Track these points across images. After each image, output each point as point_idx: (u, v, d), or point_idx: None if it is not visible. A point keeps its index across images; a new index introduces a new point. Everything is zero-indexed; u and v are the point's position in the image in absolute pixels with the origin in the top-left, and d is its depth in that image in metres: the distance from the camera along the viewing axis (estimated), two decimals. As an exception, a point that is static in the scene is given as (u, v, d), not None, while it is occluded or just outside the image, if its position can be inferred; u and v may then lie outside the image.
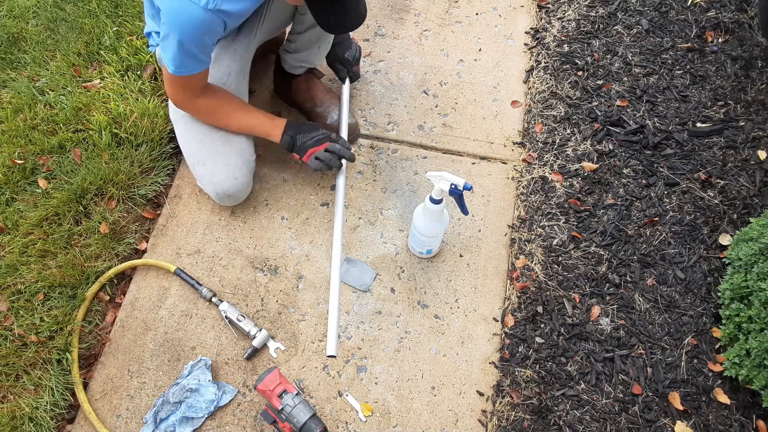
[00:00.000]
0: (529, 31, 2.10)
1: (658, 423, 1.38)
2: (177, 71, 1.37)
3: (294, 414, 1.30)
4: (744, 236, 1.49)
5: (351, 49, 1.79)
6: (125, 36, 1.98)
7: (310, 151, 1.56)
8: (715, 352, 1.47)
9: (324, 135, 1.57)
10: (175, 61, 1.34)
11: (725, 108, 1.85)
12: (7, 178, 1.69)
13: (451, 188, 1.36)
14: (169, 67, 1.37)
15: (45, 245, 1.58)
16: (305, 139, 1.55)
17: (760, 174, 1.71)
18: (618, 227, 1.66)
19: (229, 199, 1.62)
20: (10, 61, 1.99)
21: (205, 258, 1.63)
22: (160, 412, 1.39)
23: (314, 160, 1.56)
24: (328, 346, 1.43)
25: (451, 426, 1.41)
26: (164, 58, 1.37)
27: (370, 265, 1.62)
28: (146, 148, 1.74)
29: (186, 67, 1.37)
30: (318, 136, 1.57)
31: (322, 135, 1.57)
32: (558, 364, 1.47)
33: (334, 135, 1.60)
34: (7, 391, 1.39)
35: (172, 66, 1.36)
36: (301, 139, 1.56)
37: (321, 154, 1.56)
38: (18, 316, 1.49)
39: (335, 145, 1.57)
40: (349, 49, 1.78)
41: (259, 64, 1.92)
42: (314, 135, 1.56)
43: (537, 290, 1.57)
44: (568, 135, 1.84)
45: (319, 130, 1.58)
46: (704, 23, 2.03)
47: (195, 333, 1.52)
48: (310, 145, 1.55)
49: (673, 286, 1.56)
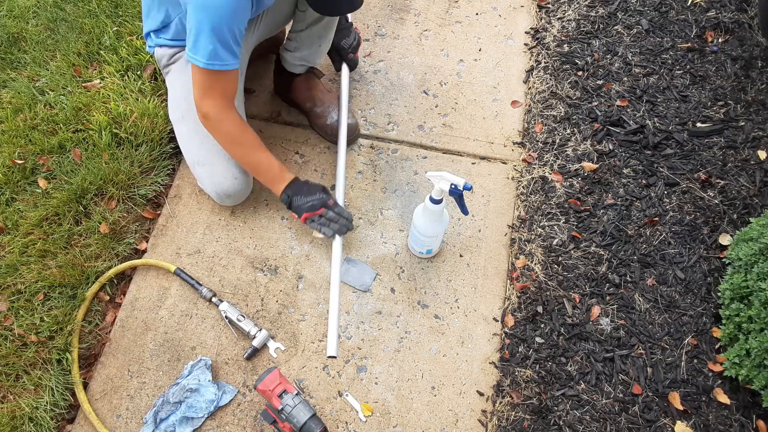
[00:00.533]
0: (529, 31, 2.10)
1: (658, 423, 1.38)
2: (210, 63, 1.30)
3: (294, 414, 1.30)
4: (744, 236, 1.49)
5: (349, 38, 1.80)
6: (125, 36, 1.98)
7: (305, 215, 1.54)
8: (715, 352, 1.47)
9: (319, 200, 1.53)
10: (208, 52, 1.29)
11: (725, 108, 1.85)
12: (7, 178, 1.69)
13: (451, 188, 1.36)
14: (201, 61, 1.30)
15: (45, 245, 1.58)
16: (301, 201, 1.53)
17: (760, 174, 1.71)
18: (618, 227, 1.66)
19: (230, 199, 1.62)
20: (10, 61, 1.99)
21: (205, 258, 1.63)
22: (160, 412, 1.39)
23: (310, 222, 1.55)
24: (328, 346, 1.43)
25: (451, 426, 1.41)
26: (195, 55, 1.31)
27: (370, 265, 1.62)
28: (146, 148, 1.74)
29: (219, 59, 1.31)
30: (314, 201, 1.53)
31: (318, 200, 1.53)
32: (558, 364, 1.47)
33: (330, 201, 1.55)
34: (7, 391, 1.39)
35: (205, 57, 1.29)
36: (297, 201, 1.53)
37: (317, 219, 1.55)
38: (18, 316, 1.49)
39: (329, 212, 1.54)
40: (347, 38, 1.80)
41: (259, 63, 1.93)
42: (310, 200, 1.53)
43: (537, 290, 1.57)
44: (568, 135, 1.84)
45: (316, 194, 1.54)
46: (704, 23, 2.03)
47: (195, 333, 1.52)
48: (305, 210, 1.53)
49: (673, 286, 1.56)
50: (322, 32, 1.68)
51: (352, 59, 1.84)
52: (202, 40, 1.28)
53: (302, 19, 1.64)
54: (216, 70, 1.33)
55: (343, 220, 1.56)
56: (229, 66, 1.34)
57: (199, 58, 1.31)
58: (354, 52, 1.83)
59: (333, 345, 1.42)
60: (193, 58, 1.32)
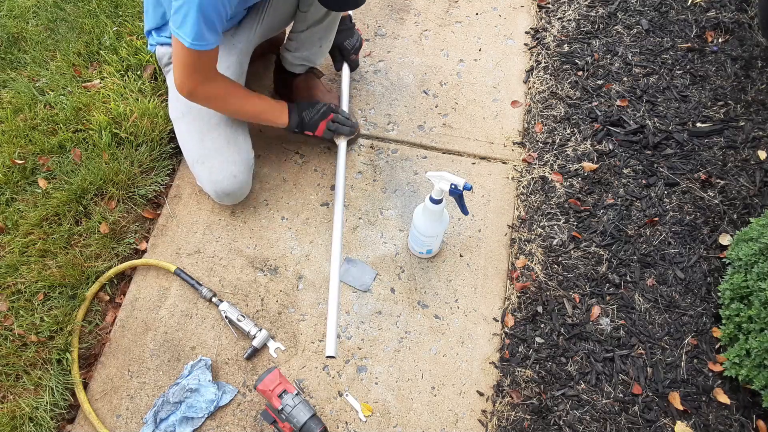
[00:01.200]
0: (529, 31, 2.10)
1: (658, 423, 1.38)
2: (194, 43, 1.30)
3: (294, 414, 1.30)
4: (744, 236, 1.49)
5: (351, 39, 1.81)
6: (125, 36, 1.98)
7: (321, 124, 1.67)
8: (715, 352, 1.47)
9: (326, 106, 1.68)
10: (194, 32, 1.28)
11: (725, 108, 1.85)
12: (7, 178, 1.69)
13: (451, 188, 1.36)
14: (186, 40, 1.29)
15: (45, 245, 1.58)
16: (312, 114, 1.66)
17: (760, 174, 1.71)
18: (618, 227, 1.66)
19: (229, 197, 1.62)
20: (10, 61, 1.99)
21: (205, 258, 1.63)
22: (160, 412, 1.39)
23: (328, 131, 1.69)
24: (327, 346, 1.43)
25: (451, 426, 1.41)
26: (180, 32, 1.30)
27: (370, 265, 1.62)
28: (146, 148, 1.74)
29: (203, 39, 1.31)
30: (322, 108, 1.67)
31: (325, 107, 1.67)
32: (558, 364, 1.47)
33: (333, 105, 1.70)
34: (7, 391, 1.39)
35: (190, 37, 1.29)
36: (308, 115, 1.65)
37: (330, 125, 1.68)
38: (18, 316, 1.49)
39: (338, 116, 1.70)
40: (350, 38, 1.81)
41: (259, 64, 1.93)
42: (318, 108, 1.67)
43: (537, 290, 1.57)
44: (568, 135, 1.84)
45: (318, 103, 1.68)
46: (704, 23, 2.03)
47: (195, 333, 1.52)
48: (320, 118, 1.66)
49: (673, 286, 1.56)
50: (323, 33, 1.68)
51: (354, 60, 1.85)
52: (189, 17, 1.26)
53: (303, 20, 1.64)
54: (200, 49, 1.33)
55: (350, 122, 1.72)
56: (212, 45, 1.34)
57: (185, 37, 1.30)
58: (356, 53, 1.84)
59: (332, 345, 1.43)
60: (178, 34, 1.31)
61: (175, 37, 1.32)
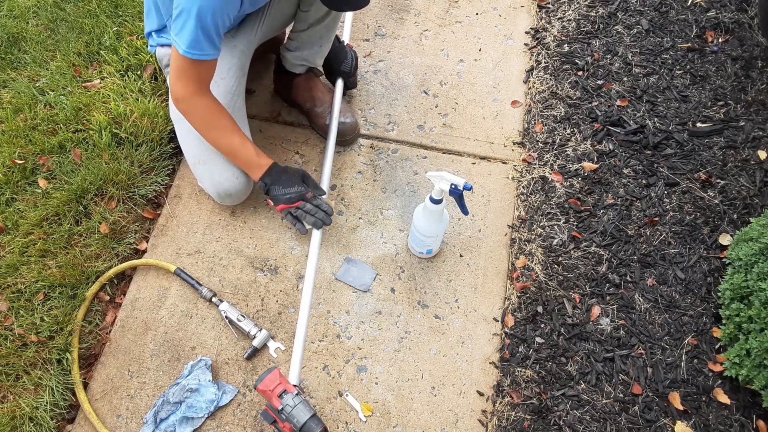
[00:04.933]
0: (529, 31, 2.10)
1: (658, 423, 1.38)
2: (189, 51, 1.29)
3: (294, 414, 1.29)
4: (744, 236, 1.49)
5: (347, 60, 1.78)
6: (125, 36, 1.98)
7: (282, 206, 1.52)
8: (715, 352, 1.47)
9: (298, 193, 1.50)
10: (190, 40, 1.28)
11: (725, 108, 1.85)
12: (7, 178, 1.69)
13: (451, 188, 1.36)
14: (181, 47, 1.29)
15: (45, 245, 1.58)
16: (279, 192, 1.50)
17: (760, 174, 1.71)
18: (618, 227, 1.66)
19: (230, 198, 1.62)
20: (10, 61, 1.99)
21: (205, 258, 1.63)
22: (160, 412, 1.39)
23: (287, 215, 1.54)
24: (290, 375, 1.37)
25: (451, 426, 1.41)
26: (177, 38, 1.30)
27: (370, 265, 1.62)
28: (146, 148, 1.74)
29: (199, 48, 1.30)
30: (292, 194, 1.50)
31: (296, 193, 1.50)
32: (558, 364, 1.47)
33: (309, 194, 1.51)
34: (7, 391, 1.39)
35: (185, 44, 1.28)
36: (275, 191, 1.51)
37: (294, 211, 1.52)
38: (18, 316, 1.49)
39: (307, 205, 1.51)
40: (345, 61, 1.77)
41: (259, 63, 1.92)
42: (288, 191, 1.50)
43: (537, 290, 1.57)
44: (568, 135, 1.84)
45: (295, 186, 1.50)
46: (704, 23, 2.03)
47: (195, 333, 1.52)
48: (283, 201, 1.51)
49: (673, 286, 1.56)
50: (323, 32, 1.68)
51: (353, 82, 1.83)
52: (188, 24, 1.26)
53: (304, 19, 1.64)
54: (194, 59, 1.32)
55: (321, 213, 1.52)
56: (207, 56, 1.33)
57: (181, 44, 1.30)
58: (354, 74, 1.81)
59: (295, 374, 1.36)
60: (176, 41, 1.31)
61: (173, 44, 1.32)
